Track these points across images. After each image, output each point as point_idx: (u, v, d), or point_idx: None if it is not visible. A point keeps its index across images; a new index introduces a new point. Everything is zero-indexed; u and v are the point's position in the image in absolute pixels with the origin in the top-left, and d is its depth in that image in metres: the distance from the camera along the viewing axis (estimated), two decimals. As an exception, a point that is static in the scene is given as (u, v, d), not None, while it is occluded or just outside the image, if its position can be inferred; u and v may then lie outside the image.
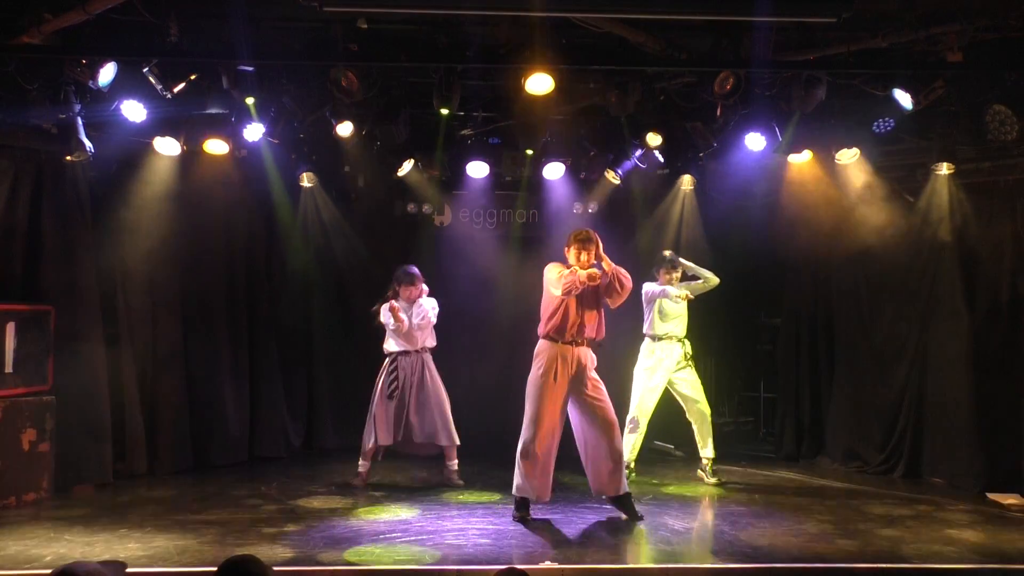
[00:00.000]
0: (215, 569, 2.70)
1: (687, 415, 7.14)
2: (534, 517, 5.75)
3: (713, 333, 9.68)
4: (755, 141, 6.76)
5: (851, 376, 7.80)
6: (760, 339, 9.48)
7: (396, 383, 6.70)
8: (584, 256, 5.68)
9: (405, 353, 6.76)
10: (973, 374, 6.90)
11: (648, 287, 7.12)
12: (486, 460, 7.17)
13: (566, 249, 5.83)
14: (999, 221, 6.93)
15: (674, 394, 7.13)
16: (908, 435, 7.33)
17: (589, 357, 5.77)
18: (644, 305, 7.14)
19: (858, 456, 7.67)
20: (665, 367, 7.06)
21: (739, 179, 8.04)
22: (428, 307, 6.78)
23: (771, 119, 6.59)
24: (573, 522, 5.70)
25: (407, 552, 5.00)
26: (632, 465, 6.96)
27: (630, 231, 8.58)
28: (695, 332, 8.92)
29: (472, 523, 5.69)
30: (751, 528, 5.59)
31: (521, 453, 5.67)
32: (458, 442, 6.80)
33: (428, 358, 6.84)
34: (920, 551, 5.07)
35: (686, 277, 7.28)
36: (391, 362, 6.78)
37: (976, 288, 7.01)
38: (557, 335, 5.69)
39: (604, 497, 5.89)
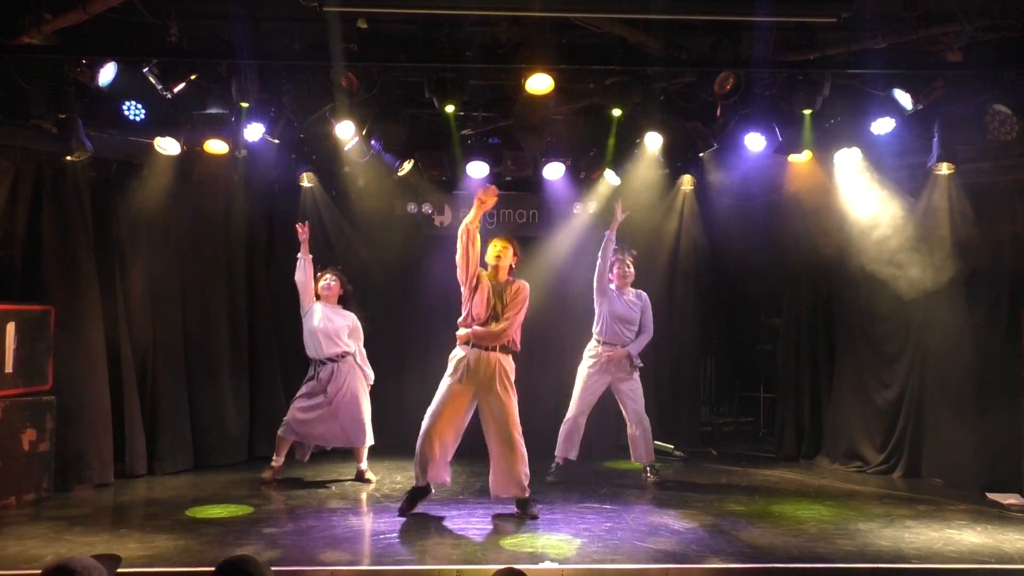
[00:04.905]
0: (213, 569, 2.69)
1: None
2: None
3: (713, 333, 9.72)
4: (755, 141, 6.76)
5: (851, 376, 7.80)
6: (760, 339, 9.48)
7: None
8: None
9: None
10: (973, 374, 6.91)
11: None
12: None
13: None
14: (999, 221, 6.93)
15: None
16: (908, 435, 7.33)
17: None
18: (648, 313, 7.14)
19: (858, 456, 7.67)
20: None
21: (739, 179, 8.05)
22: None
23: (771, 119, 6.59)
24: (573, 522, 5.70)
25: (407, 552, 5.00)
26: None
27: (629, 232, 8.56)
28: (695, 331, 8.98)
29: (472, 523, 5.69)
30: (751, 528, 5.59)
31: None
32: None
33: None
34: (920, 551, 5.07)
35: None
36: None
37: (976, 288, 7.01)
38: None
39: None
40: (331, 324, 6.91)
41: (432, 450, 5.77)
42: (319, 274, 7.06)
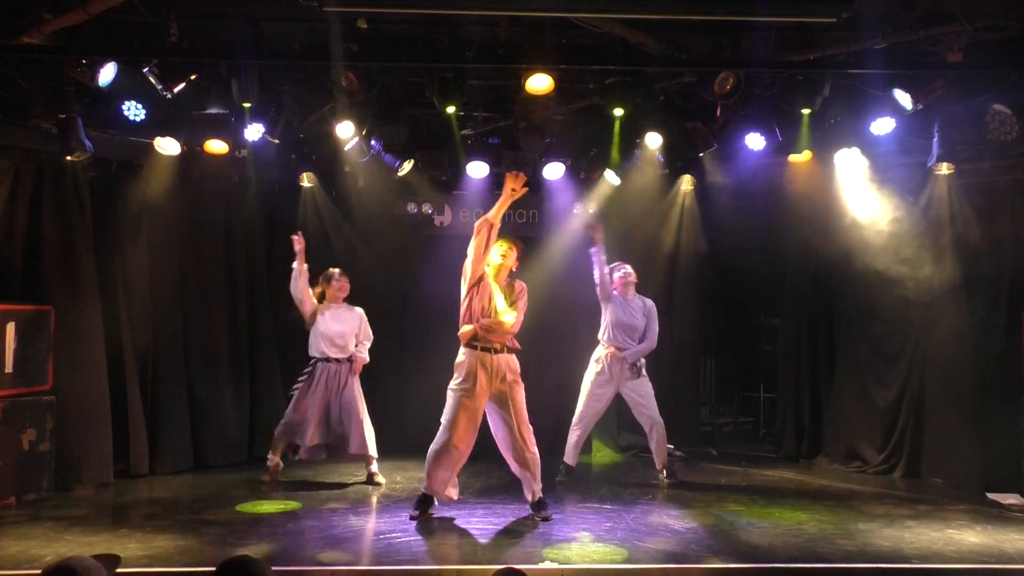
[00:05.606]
0: (214, 569, 2.69)
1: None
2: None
3: (713, 333, 9.72)
4: (755, 141, 6.76)
5: (851, 376, 7.80)
6: (760, 339, 9.48)
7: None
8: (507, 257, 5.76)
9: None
10: (973, 374, 6.91)
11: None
12: (487, 461, 7.16)
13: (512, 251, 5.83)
14: (999, 221, 6.93)
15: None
16: (908, 435, 7.33)
17: None
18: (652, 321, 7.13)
19: (858, 456, 7.67)
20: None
21: (739, 179, 8.05)
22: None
23: (771, 119, 6.59)
24: (573, 522, 5.70)
25: (407, 552, 5.00)
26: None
27: (629, 231, 8.56)
28: (695, 331, 8.98)
29: (472, 523, 5.69)
30: (751, 528, 5.59)
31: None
32: None
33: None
34: (920, 551, 5.07)
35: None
36: None
37: (976, 288, 7.01)
38: None
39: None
40: (337, 327, 6.87)
41: (444, 464, 5.67)
42: (329, 277, 7.01)
